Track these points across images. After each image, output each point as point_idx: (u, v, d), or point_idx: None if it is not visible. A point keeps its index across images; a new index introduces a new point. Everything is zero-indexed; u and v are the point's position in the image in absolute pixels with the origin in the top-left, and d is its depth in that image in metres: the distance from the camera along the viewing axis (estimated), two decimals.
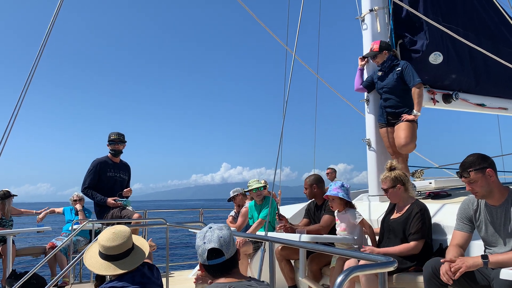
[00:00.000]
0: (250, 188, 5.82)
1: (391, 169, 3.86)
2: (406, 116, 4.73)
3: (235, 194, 6.55)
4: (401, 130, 4.74)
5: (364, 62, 5.31)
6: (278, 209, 4.65)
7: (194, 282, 2.30)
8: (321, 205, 4.64)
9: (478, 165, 2.85)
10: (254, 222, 5.75)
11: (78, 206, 7.31)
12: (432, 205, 4.07)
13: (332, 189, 3.99)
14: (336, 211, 4.07)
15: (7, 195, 6.84)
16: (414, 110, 4.71)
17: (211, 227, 2.18)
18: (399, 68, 4.86)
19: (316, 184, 4.69)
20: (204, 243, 2.12)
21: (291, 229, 4.38)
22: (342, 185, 4.01)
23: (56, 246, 6.36)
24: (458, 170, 2.96)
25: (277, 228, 4.61)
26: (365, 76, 5.34)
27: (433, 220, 3.88)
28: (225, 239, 2.12)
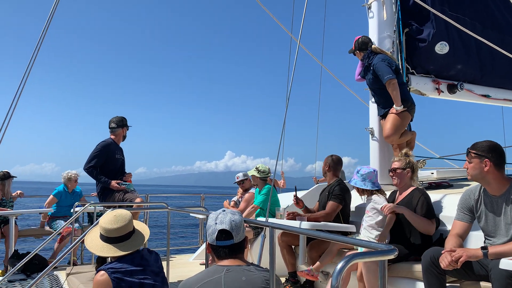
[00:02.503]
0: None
1: (406, 155, 3.92)
2: (391, 110, 4.75)
3: (245, 178, 6.54)
4: (386, 122, 4.81)
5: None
6: (295, 192, 4.64)
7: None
8: (328, 186, 4.69)
9: (482, 151, 2.88)
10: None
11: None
12: (433, 195, 4.07)
13: (352, 176, 3.99)
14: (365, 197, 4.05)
15: (7, 176, 6.86)
16: (394, 105, 4.70)
17: (224, 210, 2.24)
18: (372, 68, 4.81)
19: (329, 164, 4.74)
20: (216, 223, 2.18)
21: (293, 216, 4.42)
22: (358, 171, 3.96)
23: (71, 231, 6.39)
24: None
25: (277, 215, 4.64)
26: None
27: (435, 210, 3.89)
28: (236, 224, 2.18)
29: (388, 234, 3.74)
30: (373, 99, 5.20)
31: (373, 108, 5.24)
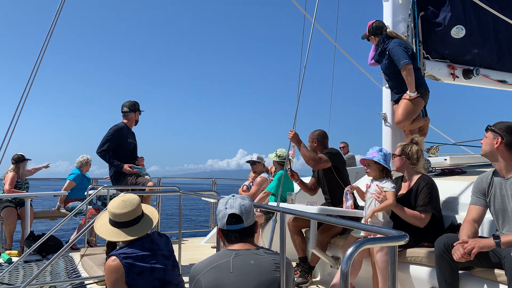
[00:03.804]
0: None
1: (411, 141, 3.85)
2: (404, 95, 4.68)
3: (259, 161, 6.53)
4: (398, 107, 4.75)
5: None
6: (290, 164, 4.65)
7: None
8: None
9: (498, 129, 2.93)
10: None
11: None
12: (446, 182, 4.04)
13: (369, 152, 3.77)
14: (370, 179, 3.83)
15: (21, 159, 6.98)
16: (407, 91, 4.63)
17: (234, 195, 2.28)
18: (387, 52, 4.72)
19: (317, 139, 4.74)
20: (226, 208, 2.22)
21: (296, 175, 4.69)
22: (380, 150, 3.74)
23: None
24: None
25: (288, 200, 4.65)
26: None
27: (447, 197, 3.86)
28: (246, 208, 2.21)
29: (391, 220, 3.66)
30: (387, 84, 5.15)
31: (386, 93, 5.18)
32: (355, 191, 4.09)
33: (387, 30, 4.86)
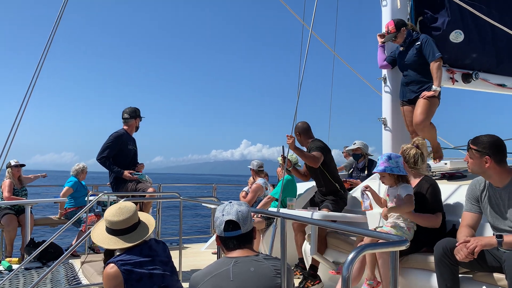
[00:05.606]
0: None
1: (413, 144, 3.82)
2: (425, 93, 4.59)
3: (260, 169, 6.56)
4: (418, 107, 4.64)
5: (384, 38, 5.15)
6: (283, 151, 4.69)
7: None
8: (307, 151, 4.81)
9: (482, 148, 2.86)
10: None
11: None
12: (446, 186, 4.04)
13: (379, 164, 3.62)
14: (387, 187, 3.74)
15: (9, 165, 6.95)
16: (433, 86, 4.60)
17: (231, 202, 2.27)
18: (419, 43, 4.71)
19: (299, 132, 4.88)
20: (223, 215, 2.21)
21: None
22: (389, 157, 3.60)
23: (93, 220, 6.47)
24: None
25: (289, 206, 4.65)
26: (387, 51, 5.25)
27: (447, 201, 3.86)
28: (243, 214, 2.20)
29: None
30: (386, 89, 5.16)
31: (386, 97, 5.19)
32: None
33: (408, 23, 4.91)
